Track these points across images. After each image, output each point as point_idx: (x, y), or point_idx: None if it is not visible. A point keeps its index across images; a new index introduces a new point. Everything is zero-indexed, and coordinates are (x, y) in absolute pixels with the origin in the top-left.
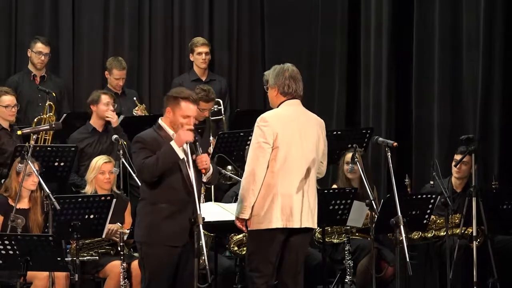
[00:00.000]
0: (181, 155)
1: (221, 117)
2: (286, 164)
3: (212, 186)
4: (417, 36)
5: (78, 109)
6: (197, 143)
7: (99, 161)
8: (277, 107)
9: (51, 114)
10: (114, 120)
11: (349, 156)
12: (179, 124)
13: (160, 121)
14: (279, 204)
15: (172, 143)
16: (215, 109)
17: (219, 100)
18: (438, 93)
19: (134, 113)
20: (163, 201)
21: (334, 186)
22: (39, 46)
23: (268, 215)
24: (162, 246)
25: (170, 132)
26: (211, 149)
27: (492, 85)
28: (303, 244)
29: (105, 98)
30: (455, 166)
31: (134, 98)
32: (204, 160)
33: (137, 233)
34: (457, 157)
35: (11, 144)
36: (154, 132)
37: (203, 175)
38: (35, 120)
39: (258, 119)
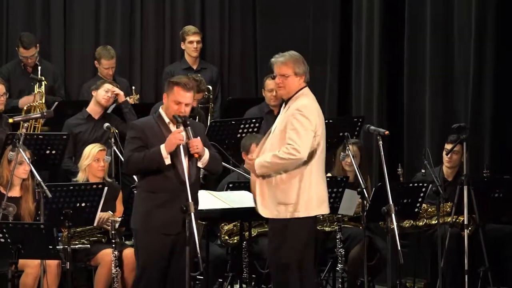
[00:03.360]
0: (168, 161)
1: (210, 105)
2: (319, 153)
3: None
4: (409, 25)
5: (69, 98)
6: (189, 127)
7: (93, 148)
8: (294, 95)
9: (42, 102)
10: (122, 94)
11: (351, 147)
12: (170, 109)
13: (160, 109)
14: (316, 193)
15: (162, 147)
16: (205, 96)
17: (209, 87)
18: (430, 82)
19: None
20: (157, 190)
21: (329, 174)
22: (22, 52)
23: (306, 203)
24: (155, 233)
25: (167, 120)
26: None
27: (483, 73)
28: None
29: (108, 85)
30: (446, 155)
31: (133, 87)
32: (195, 144)
33: (132, 221)
34: (448, 146)
35: (0, 132)
36: (152, 120)
37: (197, 160)
38: (25, 108)
39: (300, 107)
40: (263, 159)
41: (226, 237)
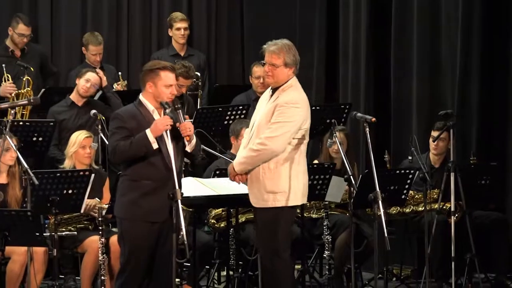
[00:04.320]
0: (155, 145)
1: (198, 92)
2: (305, 143)
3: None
4: (396, 10)
5: (56, 85)
6: (180, 110)
7: (80, 135)
8: (282, 85)
9: (29, 88)
10: (104, 79)
11: (337, 134)
12: (163, 95)
13: (140, 96)
14: (302, 183)
15: (148, 131)
16: (194, 83)
17: (197, 73)
18: (417, 68)
19: (113, 87)
20: (143, 178)
21: (316, 161)
22: (22, 28)
23: (295, 192)
24: (142, 222)
25: (151, 107)
26: None
27: (470, 60)
28: None
29: (89, 75)
30: (433, 142)
31: (119, 73)
32: (188, 127)
33: (117, 209)
34: (434, 133)
35: None
36: (134, 108)
37: (186, 144)
38: (13, 94)
39: (289, 101)
40: (240, 155)
41: (214, 221)
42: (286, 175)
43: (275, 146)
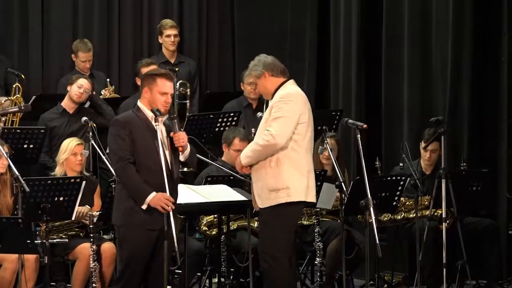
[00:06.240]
0: (144, 206)
1: (186, 101)
2: (308, 141)
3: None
4: (387, 17)
5: (47, 92)
6: (174, 120)
7: (71, 142)
8: (275, 90)
9: (19, 96)
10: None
11: (328, 140)
12: (157, 102)
13: (138, 102)
14: (306, 179)
15: (150, 196)
16: (182, 92)
17: (185, 82)
18: (408, 75)
19: (101, 93)
20: None
21: None
22: None
23: (297, 188)
24: (140, 229)
25: (150, 114)
26: None
27: (461, 66)
28: None
29: (81, 81)
30: (424, 149)
31: (108, 80)
32: (182, 137)
33: (116, 216)
34: (423, 144)
35: None
36: (133, 114)
37: (180, 154)
38: (3, 102)
39: (283, 95)
40: (247, 149)
41: (205, 228)
42: (287, 172)
43: (280, 140)
